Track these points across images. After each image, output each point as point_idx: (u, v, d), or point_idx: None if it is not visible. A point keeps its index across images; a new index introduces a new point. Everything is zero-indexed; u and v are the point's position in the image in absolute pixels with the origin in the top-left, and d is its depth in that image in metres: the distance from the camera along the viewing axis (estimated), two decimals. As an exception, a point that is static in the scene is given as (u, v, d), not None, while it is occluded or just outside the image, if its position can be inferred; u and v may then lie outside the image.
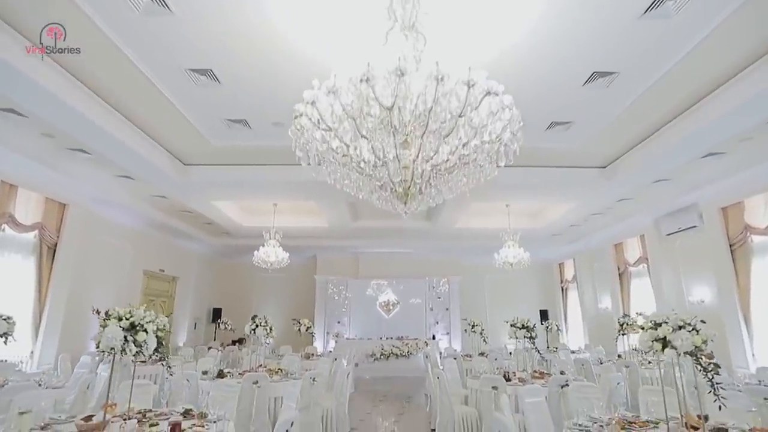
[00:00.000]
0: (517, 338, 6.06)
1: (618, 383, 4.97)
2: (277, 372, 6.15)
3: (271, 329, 6.27)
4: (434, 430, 5.88)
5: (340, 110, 2.66)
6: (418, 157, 2.75)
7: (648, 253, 10.19)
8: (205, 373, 6.15)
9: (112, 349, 2.89)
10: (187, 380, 5.10)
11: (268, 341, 6.43)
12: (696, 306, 8.88)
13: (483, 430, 5.00)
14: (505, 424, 2.85)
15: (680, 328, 2.89)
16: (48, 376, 6.04)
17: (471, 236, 12.02)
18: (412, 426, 6.29)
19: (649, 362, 7.78)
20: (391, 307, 14.25)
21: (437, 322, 14.23)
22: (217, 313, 14.80)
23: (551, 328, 11.63)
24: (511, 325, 6.11)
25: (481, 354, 9.24)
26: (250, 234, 11.64)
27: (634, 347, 10.25)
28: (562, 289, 15.24)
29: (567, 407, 4.72)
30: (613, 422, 3.11)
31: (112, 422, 3.00)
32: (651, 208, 9.21)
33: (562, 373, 6.00)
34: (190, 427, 3.06)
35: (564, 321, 14.74)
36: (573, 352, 10.44)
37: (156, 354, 3.14)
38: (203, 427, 3.08)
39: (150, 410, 3.60)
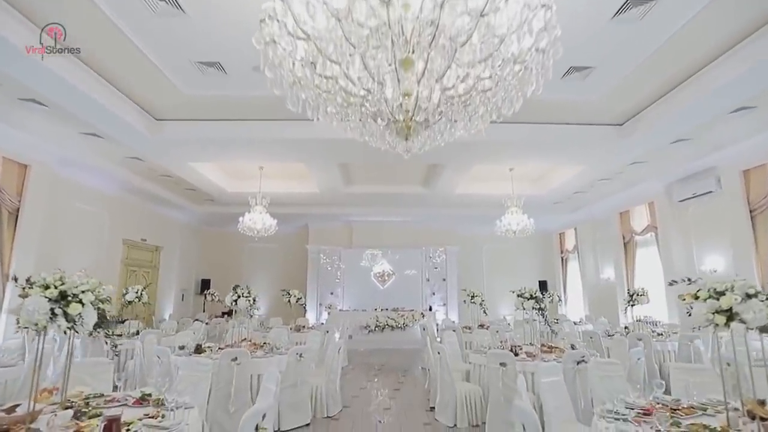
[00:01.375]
0: (524, 309, 5.54)
1: (638, 359, 4.48)
2: (261, 347, 5.62)
3: (254, 300, 5.71)
4: (434, 408, 5.42)
5: (322, 10, 1.96)
6: (423, 76, 2.07)
7: (657, 221, 9.66)
8: (181, 348, 5.60)
9: (35, 325, 2.26)
10: (158, 357, 4.53)
11: (252, 313, 5.87)
12: (708, 276, 8.40)
13: (489, 410, 4.51)
14: (529, 414, 2.31)
15: (749, 297, 2.31)
16: (8, 352, 5.48)
17: (471, 203, 11.42)
18: (409, 403, 5.83)
19: (659, 334, 7.36)
20: (386, 278, 13.76)
21: (434, 293, 13.79)
22: (205, 285, 14.27)
23: (552, 299, 11.20)
24: (518, 296, 5.59)
25: (481, 326, 8.80)
26: (236, 200, 10.97)
27: (637, 318, 9.87)
28: (562, 260, 14.81)
29: (583, 386, 4.23)
30: (663, 411, 2.58)
31: (43, 414, 2.41)
32: (664, 172, 8.61)
33: (573, 347, 5.52)
34: (141, 419, 2.49)
35: (563, 292, 14.37)
36: (575, 323, 10.04)
37: (97, 331, 2.52)
38: (156, 418, 2.51)
39: (101, 395, 3.03)
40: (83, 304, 2.41)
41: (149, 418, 2.52)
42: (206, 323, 10.69)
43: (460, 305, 13.75)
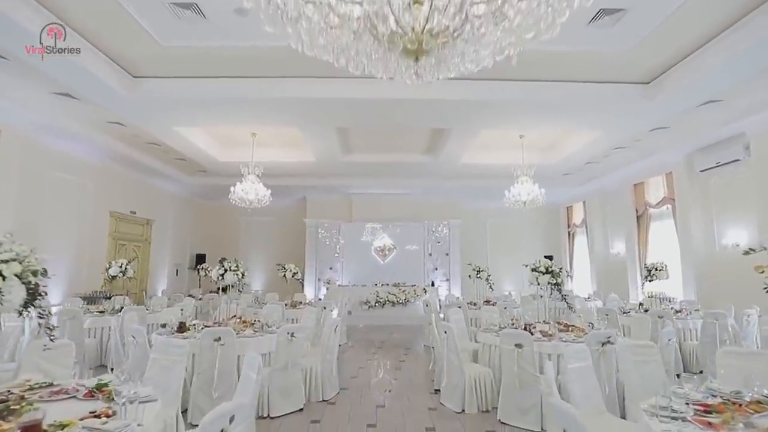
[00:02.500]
0: (538, 284, 5.05)
1: (669, 340, 4.01)
2: (251, 324, 5.16)
3: (243, 274, 5.23)
4: (438, 390, 4.99)
5: None
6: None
7: (675, 193, 9.10)
8: (163, 326, 5.14)
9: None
10: (133, 337, 4.06)
11: (241, 288, 5.39)
12: (729, 250, 7.92)
13: (501, 394, 4.07)
14: (572, 418, 1.82)
15: None
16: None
17: (476, 174, 10.83)
18: (412, 385, 5.41)
19: (677, 311, 6.90)
20: (386, 252, 13.29)
21: (436, 268, 13.35)
22: (200, 259, 13.84)
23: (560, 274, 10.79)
24: (533, 270, 5.09)
25: (487, 302, 8.35)
26: (229, 171, 10.37)
27: (649, 294, 9.45)
28: (569, 234, 14.33)
29: (608, 370, 3.77)
30: (731, 407, 2.09)
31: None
32: (687, 140, 8.00)
33: (591, 325, 5.05)
34: (83, 418, 2.01)
35: (569, 267, 13.94)
36: (585, 300, 9.60)
37: (27, 309, 2.01)
38: (103, 417, 2.02)
39: (50, 384, 2.54)
40: (4, 277, 1.88)
41: (94, 417, 2.03)
42: (199, 299, 10.30)
43: (463, 280, 13.33)
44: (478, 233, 14.60)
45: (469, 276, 8.66)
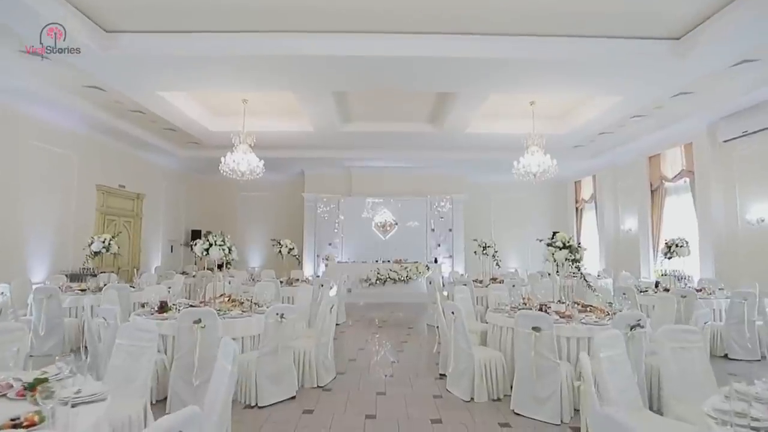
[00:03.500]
0: (554, 261, 4.59)
1: (705, 323, 3.56)
2: (240, 304, 4.74)
3: (230, 249, 4.77)
4: (444, 375, 4.60)
5: None
6: None
7: (694, 165, 8.56)
8: (143, 306, 4.73)
9: None
10: (104, 319, 3.63)
11: (228, 265, 4.94)
12: (753, 226, 7.44)
13: (515, 383, 3.65)
14: (617, 421, 1.37)
15: None
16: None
17: (482, 145, 10.26)
18: (415, 369, 5.02)
19: (698, 290, 6.45)
20: (388, 228, 12.83)
21: (439, 245, 12.90)
22: (196, 235, 13.37)
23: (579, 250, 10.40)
24: (548, 245, 4.61)
25: (494, 280, 7.93)
26: (222, 142, 9.74)
27: (662, 272, 9.03)
28: (577, 210, 13.83)
29: (636, 357, 3.33)
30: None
31: None
32: (712, 106, 7.41)
33: (609, 305, 4.61)
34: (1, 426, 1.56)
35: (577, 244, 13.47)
36: (596, 278, 9.17)
37: None
38: (25, 425, 1.57)
39: (-20, 379, 2.10)
40: None
41: (12, 426, 1.58)
42: (193, 276, 9.91)
43: (467, 257, 12.94)
44: (483, 209, 14.13)
45: (475, 252, 8.20)
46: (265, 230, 13.91)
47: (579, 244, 4.61)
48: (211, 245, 4.67)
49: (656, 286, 7.05)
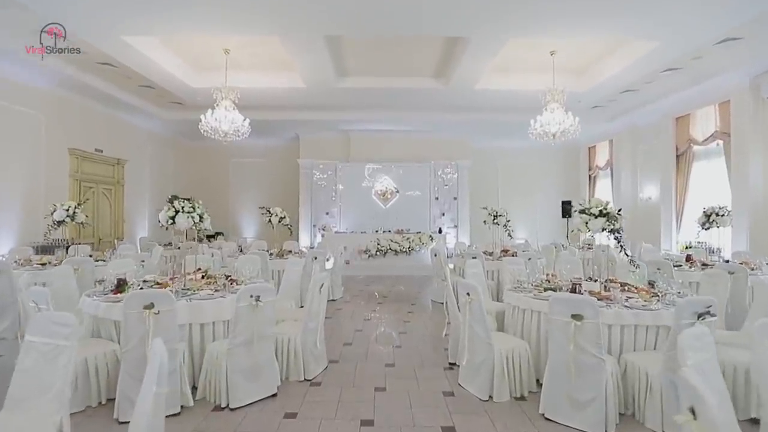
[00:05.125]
0: (589, 231, 3.84)
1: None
2: (213, 282, 4.02)
3: (201, 217, 4.03)
4: (454, 365, 3.92)
5: None
6: None
7: (731, 126, 7.66)
8: (100, 282, 4.01)
9: None
10: (34, 303, 2.90)
11: (200, 235, 4.20)
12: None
13: (546, 380, 2.96)
14: None
15: None
16: None
17: (492, 104, 9.35)
18: (420, 356, 4.34)
19: (742, 264, 5.70)
20: (388, 196, 12.04)
21: (443, 214, 12.15)
22: (185, 204, 12.64)
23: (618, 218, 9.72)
24: (581, 212, 3.85)
25: (505, 252, 7.21)
26: (207, 103, 8.78)
27: (686, 245, 8.35)
28: (590, 178, 12.99)
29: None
30: None
31: None
32: (761, 55, 6.47)
33: (651, 284, 3.88)
34: None
35: (589, 214, 12.71)
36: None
37: None
38: None
39: None
40: None
41: None
42: (177, 248, 9.18)
43: (472, 227, 12.23)
44: (489, 175, 13.32)
45: (484, 222, 7.44)
46: (258, 199, 13.13)
47: (619, 210, 3.81)
48: (177, 212, 3.90)
49: (688, 260, 6.32)
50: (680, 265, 5.74)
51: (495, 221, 7.25)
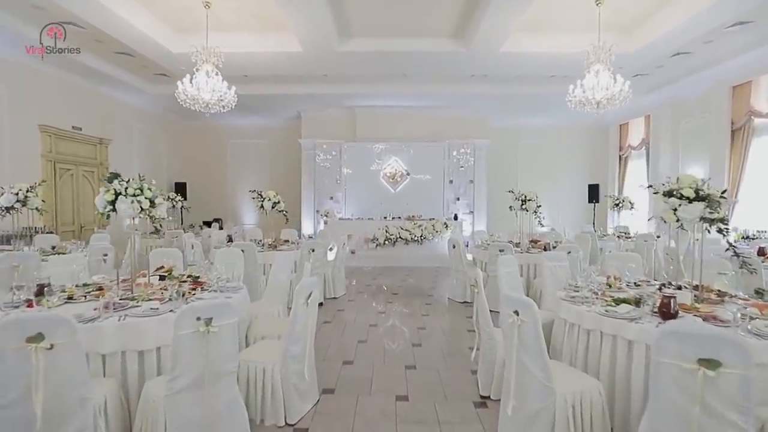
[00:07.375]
0: (677, 221, 2.79)
1: None
2: (181, 283, 3.04)
3: (152, 202, 3.04)
4: (486, 398, 2.93)
5: None
6: None
7: (806, 92, 6.45)
8: (19, 288, 3.04)
9: None
10: None
11: (159, 225, 3.23)
12: None
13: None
14: None
15: None
16: None
17: (519, 71, 8.13)
18: (441, 383, 3.34)
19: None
20: (398, 179, 10.97)
21: (458, 199, 11.06)
22: (180, 189, 11.70)
23: (622, 205, 8.65)
24: (666, 194, 2.79)
25: (534, 243, 6.17)
26: (191, 72, 7.89)
27: (741, 234, 7.28)
28: (621, 159, 11.77)
29: None
30: None
31: None
32: None
33: (759, 293, 2.82)
34: None
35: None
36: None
37: None
38: None
39: None
40: None
41: None
42: (162, 236, 8.25)
43: (489, 213, 11.16)
44: (508, 157, 12.18)
45: (510, 208, 6.37)
46: (259, 183, 12.14)
47: (723, 192, 2.74)
48: (117, 195, 2.91)
49: (761, 253, 5.22)
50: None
51: (523, 207, 6.18)
